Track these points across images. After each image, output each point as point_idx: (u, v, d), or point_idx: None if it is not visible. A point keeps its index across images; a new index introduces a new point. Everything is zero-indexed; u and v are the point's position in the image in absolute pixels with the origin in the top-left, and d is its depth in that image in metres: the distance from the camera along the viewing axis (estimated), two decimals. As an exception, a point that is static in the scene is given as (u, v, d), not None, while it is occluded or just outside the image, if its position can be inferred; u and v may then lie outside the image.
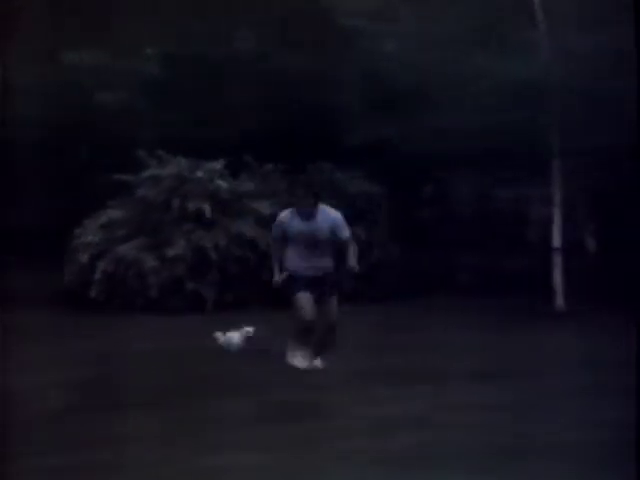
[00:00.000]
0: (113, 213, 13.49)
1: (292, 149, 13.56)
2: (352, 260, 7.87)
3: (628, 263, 12.56)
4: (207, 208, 13.03)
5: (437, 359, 8.50)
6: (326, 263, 7.94)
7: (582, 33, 11.91)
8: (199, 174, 13.27)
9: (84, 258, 13.05)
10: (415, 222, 14.09)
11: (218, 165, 13.43)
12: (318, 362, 8.09)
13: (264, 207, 13.31)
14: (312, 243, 7.82)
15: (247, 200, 13.51)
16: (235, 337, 8.87)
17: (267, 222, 13.16)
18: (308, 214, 7.78)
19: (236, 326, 9.08)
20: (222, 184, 13.32)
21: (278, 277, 7.96)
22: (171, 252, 12.77)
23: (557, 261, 12.36)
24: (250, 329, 8.87)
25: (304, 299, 7.85)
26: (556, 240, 12.46)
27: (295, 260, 7.92)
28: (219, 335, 8.97)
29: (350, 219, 13.08)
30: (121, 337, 10.48)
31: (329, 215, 7.88)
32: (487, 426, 5.91)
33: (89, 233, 13.28)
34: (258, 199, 13.52)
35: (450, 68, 12.70)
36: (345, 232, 7.91)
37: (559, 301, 12.33)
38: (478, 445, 5.43)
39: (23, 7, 13.35)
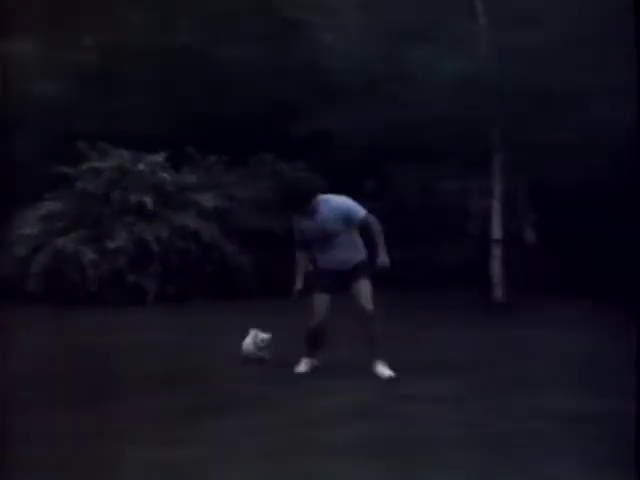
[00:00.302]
0: (52, 205, 13.36)
1: (236, 141, 13.51)
2: (382, 253, 7.17)
3: (568, 255, 12.81)
4: (149, 200, 12.97)
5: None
6: (349, 254, 7.31)
7: (524, 27, 11.99)
8: (141, 166, 13.21)
9: (22, 251, 12.92)
10: None
11: (160, 157, 13.37)
12: (381, 370, 7.31)
13: (207, 199, 13.31)
14: (324, 238, 7.25)
15: (190, 192, 13.46)
16: (248, 344, 8.02)
17: (210, 214, 13.24)
18: (309, 211, 7.25)
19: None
20: (165, 176, 13.26)
21: (299, 286, 7.37)
22: (112, 245, 12.69)
23: (496, 253, 12.43)
24: (265, 335, 8.03)
25: (318, 300, 7.35)
26: (496, 232, 12.53)
27: (318, 257, 7.41)
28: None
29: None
30: (58, 331, 10.37)
31: (332, 204, 7.25)
32: (434, 417, 5.98)
33: (27, 225, 13.15)
34: (201, 191, 13.49)
35: (394, 61, 12.68)
36: (358, 213, 7.24)
37: (498, 292, 12.42)
38: (425, 436, 5.50)
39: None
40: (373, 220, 7.26)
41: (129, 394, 6.75)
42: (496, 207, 12.51)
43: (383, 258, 7.18)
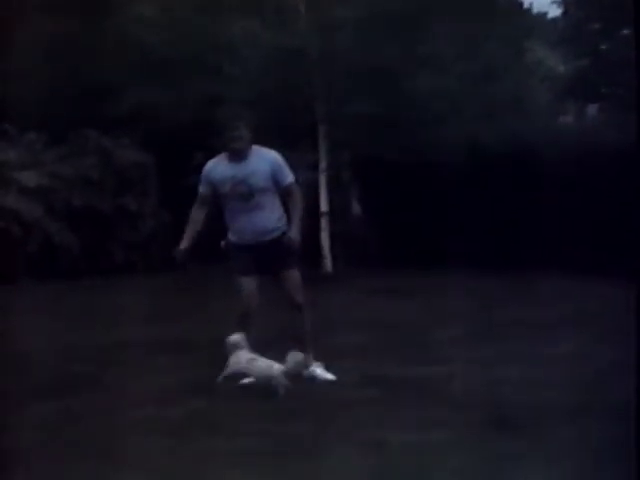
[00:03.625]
0: None
1: (56, 117, 13.46)
2: (294, 228, 6.32)
3: (394, 226, 13.32)
4: (-38, 178, 12.50)
5: (213, 328, 8.29)
6: (271, 221, 6.39)
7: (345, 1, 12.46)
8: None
9: None
10: (187, 190, 13.88)
11: (-25, 135, 12.99)
12: (315, 370, 6.52)
13: (28, 178, 13.14)
14: (247, 193, 6.29)
15: (9, 171, 13.23)
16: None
17: (32, 193, 13.06)
18: (239, 155, 6.28)
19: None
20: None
21: (181, 247, 6.46)
22: None
23: (324, 226, 12.79)
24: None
25: (247, 284, 6.36)
26: (323, 205, 12.95)
27: (232, 223, 6.43)
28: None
29: (120, 189, 13.71)
30: None
31: (266, 155, 6.38)
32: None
33: None
34: (21, 170, 13.28)
35: (215, 34, 13.09)
36: (287, 176, 6.37)
37: (327, 265, 12.84)
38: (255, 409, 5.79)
39: None
40: (298, 190, 6.48)
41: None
42: (322, 180, 12.91)
43: (295, 234, 6.36)
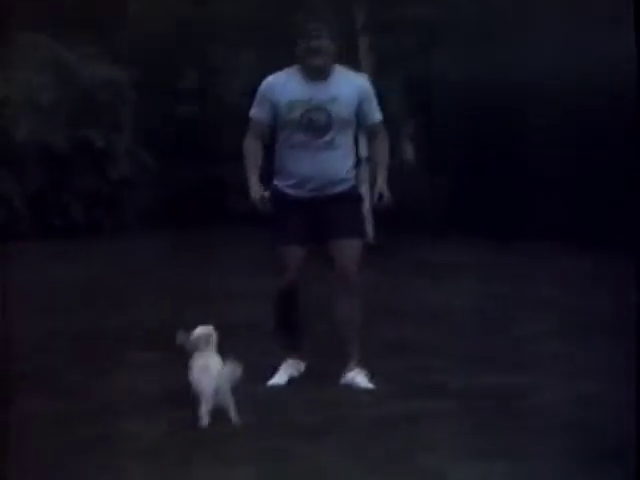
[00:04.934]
0: None
1: None
2: (383, 183, 5.40)
3: (456, 179, 11.79)
4: None
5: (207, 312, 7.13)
6: (343, 168, 5.37)
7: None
8: None
9: None
10: (174, 123, 13.02)
11: None
12: (355, 377, 5.35)
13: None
14: (324, 124, 5.25)
15: None
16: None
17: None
18: (318, 72, 5.26)
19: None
20: None
21: (257, 193, 5.28)
22: None
23: (363, 176, 10.87)
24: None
25: (291, 256, 5.36)
26: (361, 147, 11.11)
27: (288, 164, 5.36)
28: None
29: (82, 118, 12.18)
30: None
31: (353, 79, 5.45)
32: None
33: None
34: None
35: None
36: (376, 111, 5.46)
37: (367, 232, 11.23)
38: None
39: None
40: (385, 132, 5.56)
41: None
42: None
43: (385, 190, 5.31)
